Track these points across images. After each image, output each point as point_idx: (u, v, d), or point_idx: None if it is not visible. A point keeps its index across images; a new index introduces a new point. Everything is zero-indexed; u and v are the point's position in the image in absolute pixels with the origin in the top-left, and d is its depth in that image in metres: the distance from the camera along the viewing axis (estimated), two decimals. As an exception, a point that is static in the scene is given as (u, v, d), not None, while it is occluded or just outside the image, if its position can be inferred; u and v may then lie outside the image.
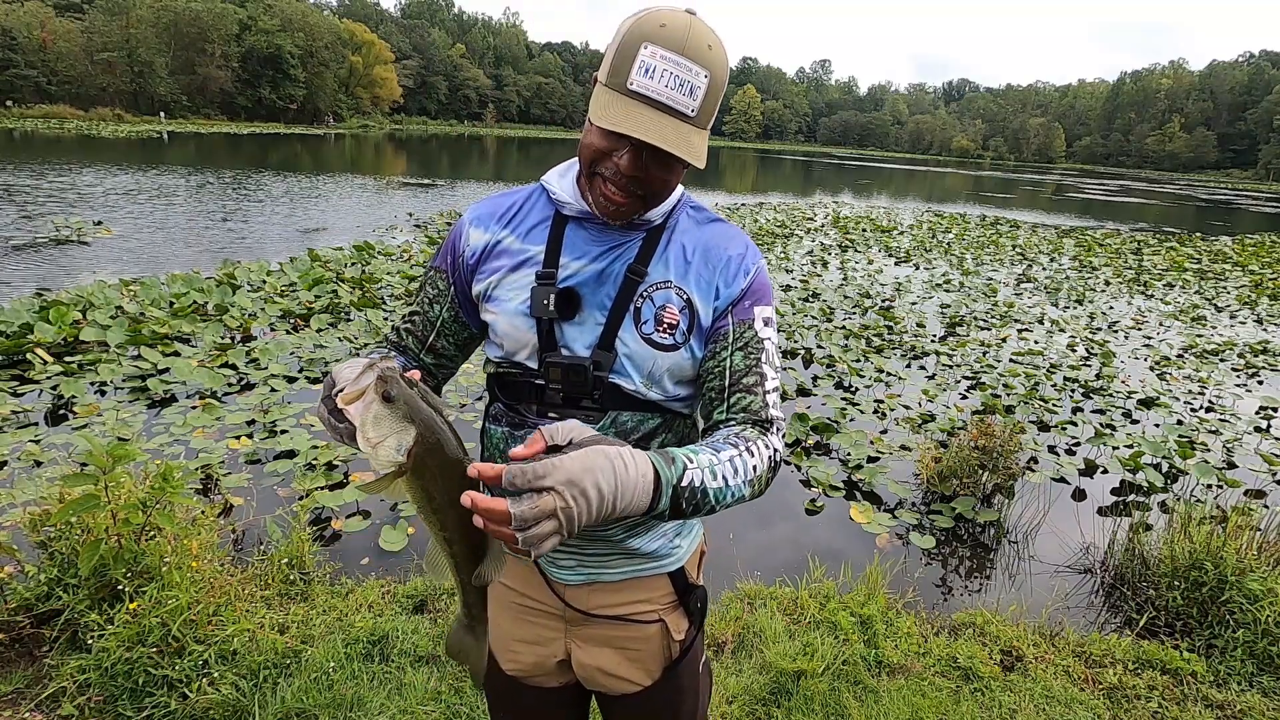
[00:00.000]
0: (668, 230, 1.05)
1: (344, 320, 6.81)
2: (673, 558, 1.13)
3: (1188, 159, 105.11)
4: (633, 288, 1.01)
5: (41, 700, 2.09)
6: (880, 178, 45.50)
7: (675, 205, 1.07)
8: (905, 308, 8.88)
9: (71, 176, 17.20)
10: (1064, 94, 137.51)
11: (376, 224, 13.31)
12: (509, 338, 1.04)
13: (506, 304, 1.04)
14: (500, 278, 1.05)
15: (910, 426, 5.17)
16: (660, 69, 0.87)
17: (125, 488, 2.37)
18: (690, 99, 0.88)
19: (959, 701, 2.40)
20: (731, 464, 0.88)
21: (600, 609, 1.11)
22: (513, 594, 1.17)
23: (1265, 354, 7.83)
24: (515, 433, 1.05)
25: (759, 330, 1.03)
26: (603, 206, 0.97)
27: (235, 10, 59.59)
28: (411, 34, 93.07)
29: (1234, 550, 2.93)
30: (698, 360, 1.03)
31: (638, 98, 0.87)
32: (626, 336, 1.01)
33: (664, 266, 1.03)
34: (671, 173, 0.95)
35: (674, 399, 1.05)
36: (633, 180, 0.93)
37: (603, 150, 0.93)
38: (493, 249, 1.07)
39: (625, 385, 1.01)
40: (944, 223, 18.92)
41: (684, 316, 1.01)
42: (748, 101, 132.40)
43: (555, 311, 0.99)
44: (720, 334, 1.02)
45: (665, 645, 1.13)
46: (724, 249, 1.05)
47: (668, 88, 0.87)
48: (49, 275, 8.09)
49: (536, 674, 1.17)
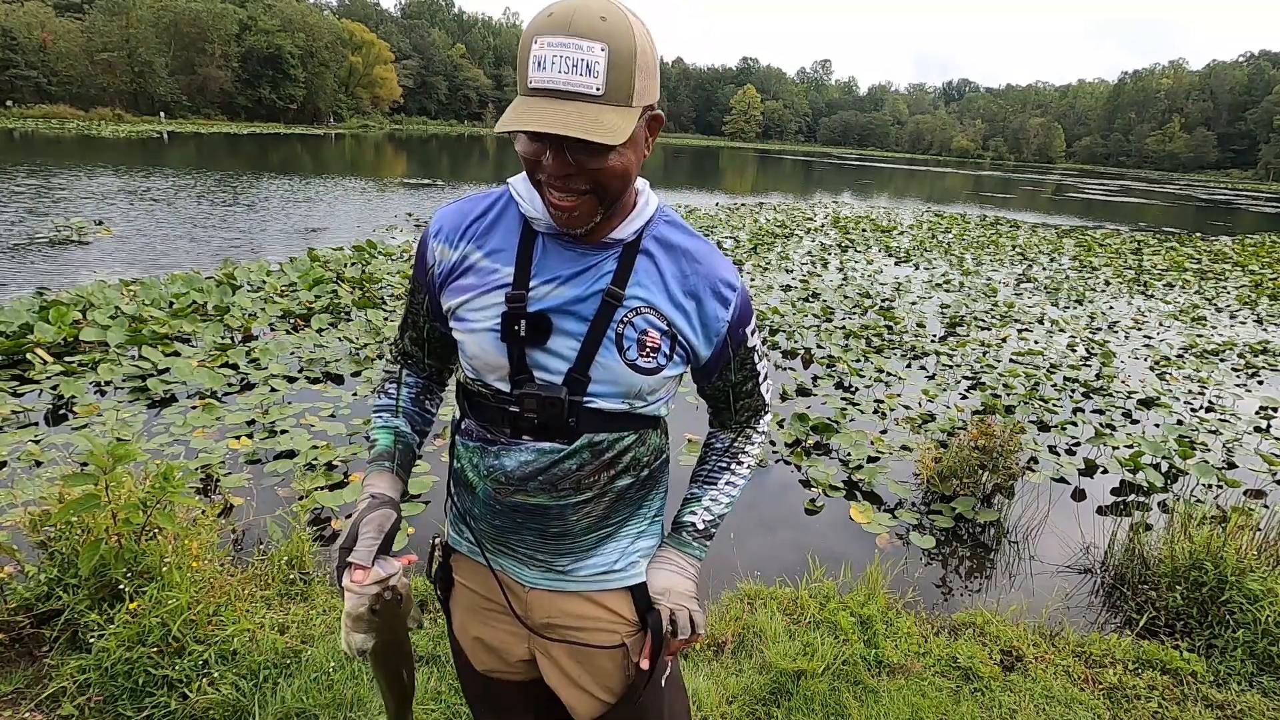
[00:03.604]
0: (644, 249, 1.02)
1: (344, 320, 6.81)
2: (636, 569, 1.13)
3: (1188, 159, 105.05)
4: (610, 312, 0.98)
5: (41, 700, 2.09)
6: (880, 178, 45.49)
7: (649, 220, 1.02)
8: (905, 308, 8.88)
9: (71, 177, 17.20)
10: (1064, 94, 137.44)
11: (376, 224, 13.31)
12: (478, 359, 1.02)
13: (475, 325, 1.01)
14: (469, 299, 1.02)
15: (910, 426, 5.17)
16: (550, 57, 0.82)
17: (125, 488, 2.36)
18: (590, 77, 0.83)
19: (959, 701, 2.40)
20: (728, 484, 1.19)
21: (560, 620, 1.11)
22: (476, 598, 1.17)
23: (1265, 354, 7.83)
24: (489, 447, 1.04)
25: (749, 343, 1.10)
26: (557, 217, 0.93)
27: (235, 10, 59.60)
28: (411, 34, 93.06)
29: (1234, 550, 2.93)
30: (676, 377, 1.07)
31: (537, 94, 0.84)
32: (609, 362, 0.99)
33: (642, 289, 1.00)
34: (606, 161, 0.88)
35: (653, 405, 1.07)
36: (568, 179, 0.89)
37: (528, 158, 0.90)
38: (460, 266, 1.03)
39: (607, 408, 1.01)
40: (944, 223, 18.92)
41: (665, 340, 1.01)
42: (748, 101, 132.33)
43: (526, 337, 0.98)
44: (722, 363, 1.09)
45: (625, 667, 1.14)
46: (705, 275, 1.03)
47: (561, 73, 0.82)
48: (49, 275, 8.09)
49: (504, 670, 1.19)
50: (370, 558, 0.96)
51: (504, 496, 1.04)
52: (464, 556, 1.18)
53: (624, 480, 1.07)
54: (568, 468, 1.01)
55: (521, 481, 1.02)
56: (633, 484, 1.08)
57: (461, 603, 1.20)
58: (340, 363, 5.65)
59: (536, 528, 1.06)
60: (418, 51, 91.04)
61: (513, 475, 1.02)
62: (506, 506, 1.05)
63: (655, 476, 1.13)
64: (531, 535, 1.07)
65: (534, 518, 1.05)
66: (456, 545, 1.18)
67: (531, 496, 1.03)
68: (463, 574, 1.19)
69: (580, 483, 1.03)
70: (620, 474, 1.06)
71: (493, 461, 1.03)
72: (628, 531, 1.12)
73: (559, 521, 1.05)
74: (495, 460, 1.03)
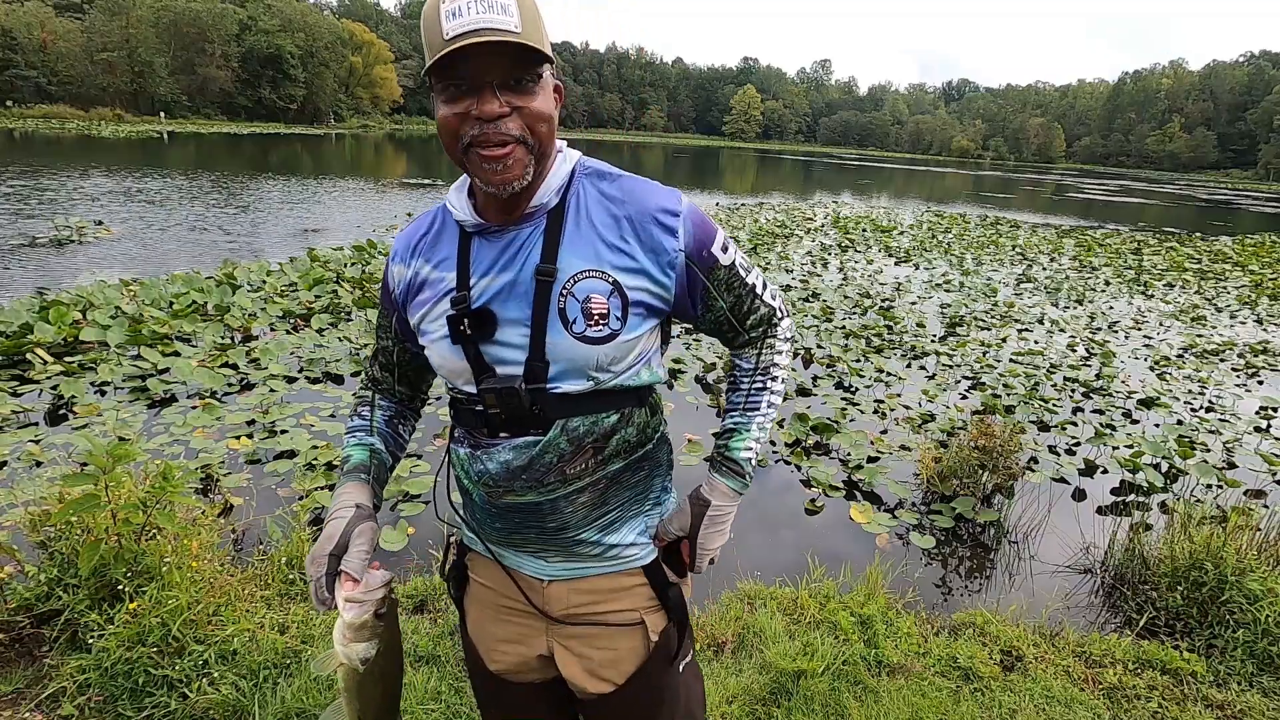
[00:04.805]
0: (569, 210, 0.98)
1: (344, 320, 6.81)
2: (646, 552, 1.12)
3: (1188, 159, 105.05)
4: (547, 289, 0.95)
5: (41, 700, 2.09)
6: (880, 178, 45.48)
7: (571, 176, 0.99)
8: (905, 308, 8.88)
9: (72, 177, 17.20)
10: (1064, 94, 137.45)
11: (376, 224, 13.31)
12: (444, 369, 1.05)
13: (433, 335, 1.04)
14: (426, 311, 1.05)
15: (910, 426, 5.17)
16: (463, 5, 0.83)
17: (125, 488, 2.36)
18: (507, 15, 0.84)
19: (959, 701, 2.40)
20: (769, 407, 1.13)
21: (579, 608, 1.11)
22: (493, 594, 1.17)
23: (1265, 354, 7.83)
24: (476, 452, 1.04)
25: (724, 261, 1.04)
26: (490, 172, 0.89)
27: (235, 10, 59.63)
28: (411, 34, 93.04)
29: (1234, 550, 2.93)
30: (640, 336, 1.00)
31: (456, 39, 0.84)
32: (557, 340, 0.96)
33: (575, 254, 0.96)
34: (534, 100, 0.89)
35: (626, 374, 1.01)
36: (499, 122, 0.87)
37: (457, 115, 0.88)
38: (415, 282, 1.06)
39: (571, 389, 0.98)
40: (944, 223, 18.91)
41: (613, 301, 0.96)
42: (748, 101, 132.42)
43: (473, 335, 0.98)
44: (698, 294, 1.03)
45: (645, 645, 1.13)
46: (639, 210, 0.97)
47: (478, 13, 0.83)
48: (49, 275, 8.09)
49: (521, 671, 1.18)
50: (363, 569, 0.96)
51: (496, 499, 1.05)
52: (479, 555, 1.18)
53: (614, 465, 1.04)
54: (548, 461, 1.00)
55: (507, 481, 1.02)
56: (625, 468, 1.06)
57: (478, 599, 1.20)
58: (340, 363, 5.65)
59: (535, 525, 1.06)
60: (418, 51, 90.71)
61: (498, 477, 1.02)
62: (501, 509, 1.05)
63: (652, 457, 1.10)
64: (532, 533, 1.07)
65: (530, 516, 1.05)
66: (472, 544, 1.18)
67: (521, 495, 1.03)
68: (479, 571, 1.19)
69: (566, 474, 1.01)
70: (609, 459, 1.03)
71: (479, 466, 1.04)
72: (634, 514, 1.10)
73: (554, 516, 1.04)
74: (480, 465, 1.04)
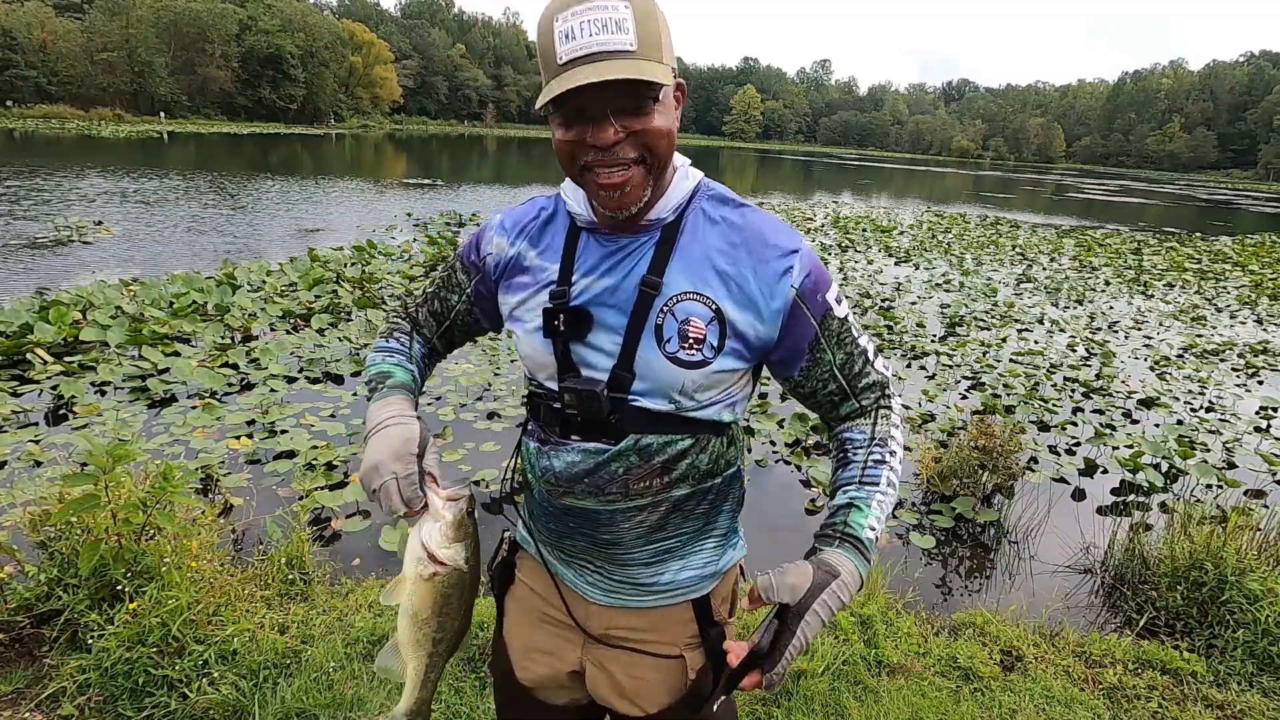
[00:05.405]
0: (685, 228, 0.96)
1: (344, 320, 6.81)
2: (699, 587, 1.09)
3: (1188, 159, 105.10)
4: (648, 302, 0.93)
5: (41, 700, 2.09)
6: (880, 178, 45.49)
7: (691, 196, 0.98)
8: (905, 308, 8.88)
9: (71, 177, 17.20)
10: (1064, 94, 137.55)
11: (376, 224, 13.31)
12: (529, 359, 1.03)
13: (526, 325, 1.02)
14: (523, 299, 1.03)
15: (910, 426, 5.17)
16: (576, 26, 0.81)
17: (125, 488, 2.36)
18: (622, 33, 0.81)
19: (959, 701, 2.40)
20: (889, 485, 0.98)
21: (619, 630, 1.09)
22: (537, 599, 1.15)
23: (1265, 354, 7.83)
24: (544, 448, 1.03)
25: (838, 312, 0.99)
26: (606, 199, 0.89)
27: (235, 10, 59.59)
28: (411, 34, 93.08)
29: (1234, 550, 2.93)
30: (731, 372, 0.96)
31: (571, 64, 0.82)
32: (649, 355, 0.94)
33: (683, 274, 0.94)
34: (652, 120, 0.86)
35: (708, 408, 0.98)
36: (615, 148, 0.86)
37: (570, 141, 0.88)
38: (516, 263, 1.05)
39: (651, 406, 0.95)
40: (944, 223, 18.91)
41: (712, 329, 0.93)
42: (747, 101, 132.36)
43: (566, 331, 0.96)
44: (805, 343, 0.97)
45: (682, 680, 1.09)
46: (754, 243, 0.95)
47: (592, 35, 0.81)
48: (49, 275, 8.09)
49: (548, 686, 1.15)
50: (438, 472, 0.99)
51: (555, 498, 1.03)
52: (529, 556, 1.17)
53: (680, 490, 1.00)
54: (614, 470, 0.97)
55: (569, 483, 1.00)
56: (691, 495, 1.02)
57: (519, 600, 1.18)
58: (340, 363, 5.65)
59: (587, 533, 1.03)
60: (418, 51, 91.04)
61: (561, 476, 1.01)
62: (558, 509, 1.04)
63: (722, 490, 1.05)
64: (583, 541, 1.04)
65: (584, 522, 1.03)
66: (525, 545, 1.17)
67: (579, 499, 1.01)
68: (526, 573, 1.18)
69: (629, 488, 0.98)
70: (676, 482, 0.99)
71: (545, 462, 1.02)
72: (692, 549, 1.06)
73: (609, 528, 1.01)
74: (547, 461, 1.02)
